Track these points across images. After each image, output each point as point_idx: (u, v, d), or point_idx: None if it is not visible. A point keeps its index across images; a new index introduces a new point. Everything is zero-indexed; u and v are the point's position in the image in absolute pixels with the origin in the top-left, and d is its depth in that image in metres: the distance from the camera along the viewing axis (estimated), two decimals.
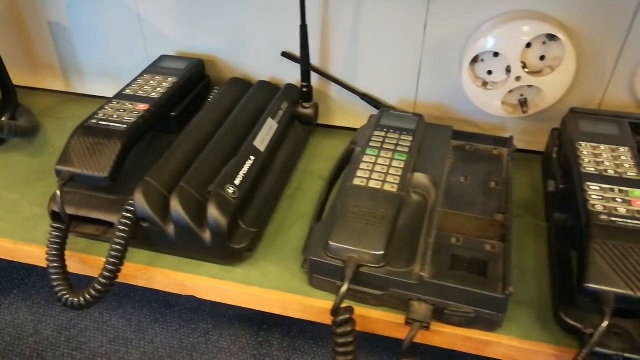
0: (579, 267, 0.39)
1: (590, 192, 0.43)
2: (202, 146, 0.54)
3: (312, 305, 0.48)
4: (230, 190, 0.49)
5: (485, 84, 0.59)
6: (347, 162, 0.57)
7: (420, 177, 0.54)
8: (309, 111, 0.65)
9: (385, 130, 0.58)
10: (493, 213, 0.51)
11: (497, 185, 0.55)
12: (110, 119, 0.54)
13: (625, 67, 0.57)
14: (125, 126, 0.52)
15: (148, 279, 0.52)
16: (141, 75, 0.63)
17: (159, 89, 0.60)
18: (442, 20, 0.58)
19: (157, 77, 0.62)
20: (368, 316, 0.47)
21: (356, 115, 0.68)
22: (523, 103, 0.60)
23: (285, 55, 0.65)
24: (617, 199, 0.43)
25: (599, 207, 0.42)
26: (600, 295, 0.37)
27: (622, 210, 0.42)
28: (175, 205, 0.47)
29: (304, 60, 0.61)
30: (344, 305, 0.43)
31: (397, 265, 0.46)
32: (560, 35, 0.53)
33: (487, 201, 0.53)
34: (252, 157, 0.54)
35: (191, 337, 0.70)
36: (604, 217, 0.41)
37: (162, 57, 0.68)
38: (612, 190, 0.44)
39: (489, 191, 0.54)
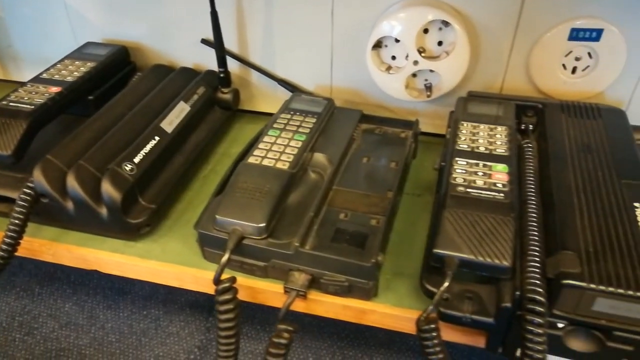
0: (432, 235, 0.42)
1: (456, 167, 0.46)
2: (110, 127, 0.56)
3: (204, 277, 0.50)
4: (128, 167, 0.51)
5: (389, 68, 0.62)
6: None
7: (319, 157, 0.56)
8: (228, 96, 0.67)
9: (291, 113, 0.60)
10: (386, 191, 0.53)
11: (397, 166, 0.57)
12: (21, 100, 0.56)
13: (520, 52, 0.59)
14: (32, 107, 0.55)
15: (53, 254, 0.54)
16: (62, 60, 0.65)
17: (75, 73, 0.62)
18: (348, 7, 0.61)
19: (76, 62, 0.64)
20: (255, 287, 0.50)
21: (278, 100, 0.70)
22: (428, 87, 0.63)
23: (205, 42, 0.68)
24: (478, 173, 0.45)
25: (459, 180, 0.44)
26: (446, 259, 0.40)
27: (480, 182, 0.44)
28: (72, 181, 0.49)
29: (218, 46, 0.63)
30: (228, 276, 0.46)
31: (282, 237, 0.48)
32: (451, 21, 0.56)
33: (383, 180, 0.55)
34: (157, 138, 0.56)
35: (142, 322, 0.72)
36: (461, 188, 0.43)
37: (87, 44, 0.70)
38: (477, 165, 0.46)
39: (387, 171, 0.57)
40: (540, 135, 0.52)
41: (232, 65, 0.70)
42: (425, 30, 0.59)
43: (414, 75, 0.62)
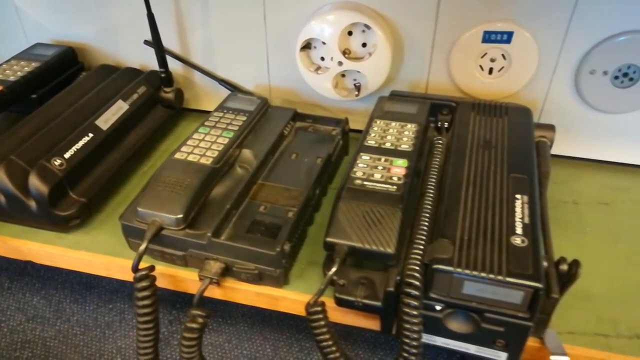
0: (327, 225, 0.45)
1: (359, 161, 0.49)
2: (47, 124, 0.59)
3: (129, 267, 0.53)
4: (57, 162, 0.54)
5: (319, 68, 0.65)
6: None
7: (246, 153, 0.59)
8: (170, 95, 0.70)
9: (224, 111, 0.63)
10: (305, 185, 0.56)
11: (322, 162, 0.60)
12: None
13: (440, 54, 0.62)
14: None
15: None
16: (8, 60, 0.68)
17: (19, 73, 0.65)
18: (279, 9, 0.63)
19: (21, 62, 0.67)
20: (176, 275, 0.52)
21: (222, 100, 0.73)
22: (357, 87, 0.66)
23: (147, 43, 0.70)
24: (379, 167, 0.48)
25: (359, 174, 0.47)
26: (336, 247, 0.43)
27: (377, 176, 0.47)
28: (1, 175, 0.52)
29: (156, 47, 0.66)
30: (146, 265, 0.48)
31: (201, 228, 0.51)
32: (371, 24, 0.58)
33: (307, 175, 0.58)
34: (91, 134, 0.59)
35: (107, 316, 0.74)
36: (358, 181, 0.46)
37: (36, 45, 0.73)
38: (379, 159, 0.49)
39: (312, 166, 0.59)
40: (450, 132, 0.55)
41: (176, 65, 0.72)
42: (350, 33, 0.61)
43: (343, 75, 0.65)
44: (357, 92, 0.65)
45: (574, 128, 0.63)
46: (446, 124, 0.57)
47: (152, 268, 0.49)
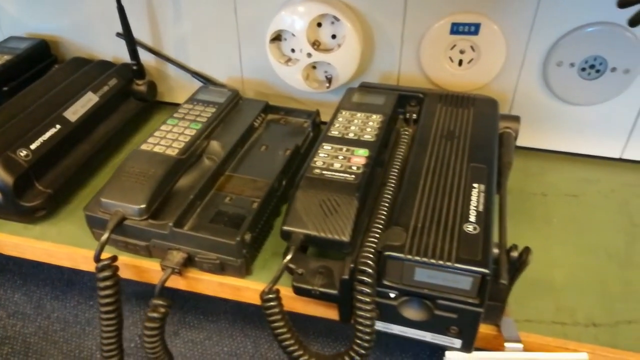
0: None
1: (320, 151, 0.49)
2: (16, 115, 0.59)
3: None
4: (23, 153, 0.54)
5: (289, 60, 0.65)
6: None
7: (214, 145, 0.59)
8: (142, 88, 0.70)
9: (194, 103, 0.63)
10: (273, 176, 0.56)
11: (290, 153, 0.60)
12: None
13: (410, 46, 0.62)
14: None
15: None
16: None
17: None
18: (249, 2, 0.64)
19: None
20: (140, 266, 0.53)
21: None
22: (329, 79, 0.66)
23: (119, 35, 0.70)
24: (339, 157, 0.48)
25: (319, 163, 0.47)
26: (292, 235, 0.43)
27: (337, 165, 0.47)
28: None
29: (127, 39, 0.66)
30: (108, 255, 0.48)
31: (166, 219, 0.51)
32: (339, 15, 0.59)
33: (274, 167, 0.58)
34: (58, 126, 0.59)
35: (87, 312, 0.75)
36: (317, 170, 0.46)
37: (9, 38, 0.73)
38: (341, 149, 0.49)
39: (281, 158, 0.59)
40: (416, 123, 0.55)
41: (149, 58, 0.72)
42: (320, 24, 0.61)
43: (314, 67, 0.65)
44: (328, 84, 0.65)
45: (544, 120, 0.63)
46: (414, 116, 0.57)
47: (114, 258, 0.49)
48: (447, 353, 0.44)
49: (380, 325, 0.44)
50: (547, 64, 0.58)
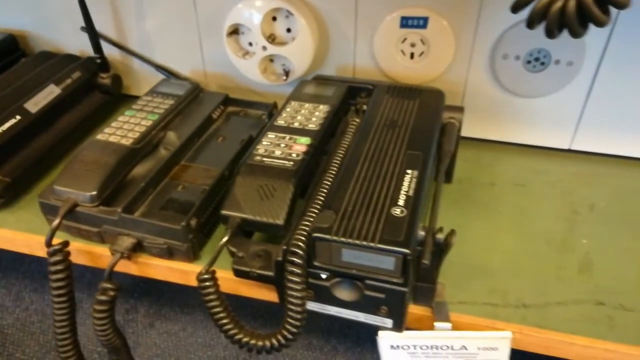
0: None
1: (264, 140, 0.51)
2: None
3: None
4: None
5: (247, 53, 0.66)
6: None
7: (171, 135, 0.61)
8: (107, 81, 0.72)
9: (154, 95, 0.65)
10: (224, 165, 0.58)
11: (243, 143, 0.62)
12: None
13: (364, 40, 0.64)
14: None
15: None
16: None
17: None
18: None
19: None
20: (94, 252, 0.54)
21: None
22: (287, 72, 0.67)
23: (84, 29, 0.72)
24: (281, 145, 0.50)
25: (261, 151, 0.49)
26: (230, 219, 0.44)
27: (278, 152, 0.49)
28: None
29: (90, 33, 0.68)
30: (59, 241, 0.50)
31: (119, 206, 0.52)
32: (291, 9, 0.60)
33: (227, 156, 0.60)
34: (18, 117, 0.60)
35: None
36: (258, 158, 0.48)
37: None
38: (284, 137, 0.51)
39: (235, 148, 0.61)
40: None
41: (115, 52, 0.74)
42: (275, 18, 0.63)
43: (272, 60, 0.67)
44: (285, 77, 0.66)
45: (494, 112, 0.65)
46: (364, 107, 0.59)
47: (65, 243, 0.51)
48: (380, 333, 0.45)
49: (316, 307, 0.45)
50: (493, 57, 0.60)
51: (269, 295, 0.50)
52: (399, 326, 0.44)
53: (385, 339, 0.45)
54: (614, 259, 0.51)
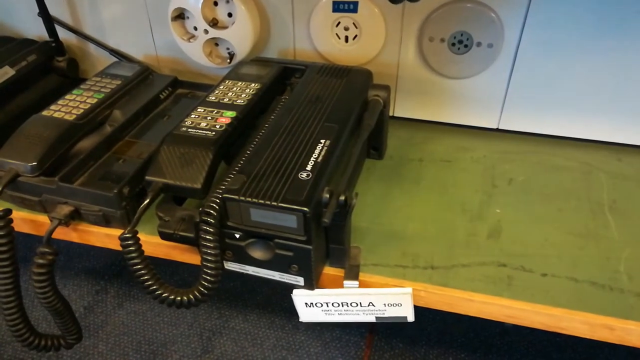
0: None
1: (193, 113, 0.54)
2: None
3: None
4: None
5: (192, 37, 0.70)
6: None
7: (117, 113, 0.64)
8: (62, 64, 0.75)
9: (102, 76, 0.68)
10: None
11: None
12: None
13: (301, 23, 0.67)
14: None
15: None
16: None
17: None
18: None
19: None
20: (37, 220, 0.57)
21: None
22: (231, 55, 0.71)
23: (39, 14, 0.75)
24: (208, 117, 0.53)
25: (188, 123, 0.52)
26: (152, 184, 0.48)
27: (203, 124, 0.52)
28: None
29: (44, 16, 0.71)
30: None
31: (57, 175, 0.55)
32: None
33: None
34: None
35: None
36: (184, 129, 0.51)
37: None
38: (212, 111, 0.54)
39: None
40: None
41: (71, 37, 0.77)
42: (216, 3, 0.66)
43: (217, 44, 0.70)
44: (229, 60, 0.70)
45: (426, 94, 0.68)
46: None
47: (7, 211, 0.54)
48: (295, 291, 0.49)
49: (235, 266, 0.49)
50: (421, 40, 0.64)
51: (195, 258, 0.53)
52: (309, 284, 0.47)
53: (300, 297, 0.49)
54: (522, 227, 0.55)
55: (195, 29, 0.69)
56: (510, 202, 0.58)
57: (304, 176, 0.45)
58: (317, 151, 0.48)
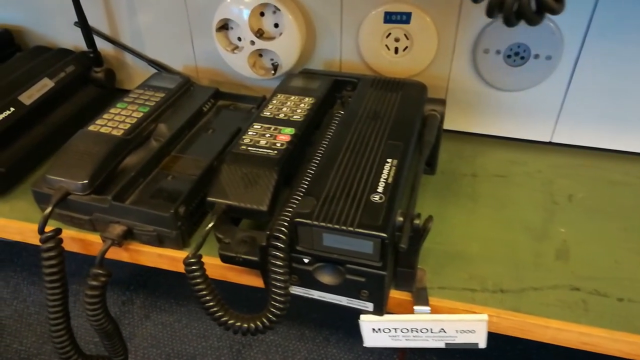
0: None
1: (250, 130, 0.52)
2: None
3: None
4: None
5: (236, 48, 0.68)
6: None
7: (162, 127, 0.62)
8: (100, 75, 0.74)
9: (145, 88, 0.66)
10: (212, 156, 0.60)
11: (232, 134, 0.63)
12: None
13: (349, 34, 0.66)
14: None
15: None
16: None
17: None
18: None
19: None
20: (86, 239, 0.56)
21: None
22: (275, 66, 0.69)
23: (77, 24, 0.73)
24: (266, 135, 0.51)
25: (246, 140, 0.51)
26: (215, 205, 0.46)
27: (263, 142, 0.50)
28: None
29: (83, 27, 0.69)
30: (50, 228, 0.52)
31: (109, 194, 0.54)
32: (277, 4, 0.62)
33: (216, 148, 0.61)
34: (12, 109, 0.62)
35: None
36: (243, 147, 0.50)
37: None
38: (269, 128, 0.53)
39: (224, 140, 0.62)
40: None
41: (108, 47, 0.76)
42: (262, 14, 0.65)
43: (261, 55, 0.68)
44: (273, 72, 0.68)
45: (476, 106, 0.66)
46: (349, 99, 0.60)
47: (58, 231, 0.52)
48: (362, 316, 0.47)
49: (300, 291, 0.47)
50: (475, 51, 0.62)
51: (255, 281, 0.51)
52: (379, 309, 0.46)
53: (367, 322, 0.47)
54: (590, 248, 0.53)
55: (239, 39, 0.67)
56: (573, 220, 0.56)
57: (376, 199, 0.43)
58: (385, 171, 0.46)
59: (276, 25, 0.65)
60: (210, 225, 0.45)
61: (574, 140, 0.66)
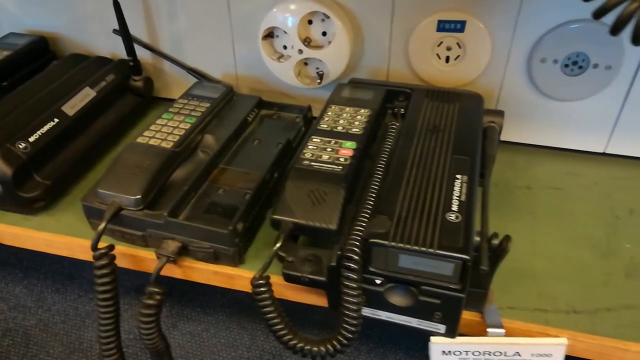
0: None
1: (309, 144, 0.51)
2: (15, 109, 0.61)
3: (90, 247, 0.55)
4: (22, 145, 0.56)
5: (281, 57, 0.66)
6: None
7: (208, 138, 0.61)
8: (139, 84, 0.72)
9: (189, 98, 0.65)
10: (265, 169, 0.58)
11: (282, 147, 0.62)
12: None
13: (399, 43, 0.64)
14: None
15: None
16: None
17: None
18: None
19: None
20: (137, 255, 0.54)
21: None
22: (320, 75, 0.67)
23: (116, 32, 0.72)
24: (327, 149, 0.50)
25: (308, 155, 0.49)
26: (282, 224, 0.44)
27: (325, 157, 0.49)
28: None
29: (124, 35, 0.68)
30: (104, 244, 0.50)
31: (161, 209, 0.52)
32: (328, 13, 0.60)
33: (266, 160, 0.60)
34: (56, 120, 0.60)
35: (87, 305, 0.76)
36: (306, 162, 0.48)
37: (9, 34, 0.74)
38: (329, 142, 0.51)
39: (273, 152, 0.61)
40: (404, 118, 0.57)
41: (146, 54, 0.74)
42: (310, 22, 0.63)
43: (306, 63, 0.67)
44: (319, 80, 0.67)
45: (529, 116, 0.65)
46: (402, 110, 0.59)
47: (111, 247, 0.51)
48: (432, 338, 0.45)
49: (367, 312, 0.45)
50: (531, 60, 0.60)
51: (316, 299, 0.50)
52: (452, 332, 0.44)
53: (438, 345, 0.45)
54: None
55: (285, 47, 0.65)
56: (637, 235, 0.54)
57: (452, 218, 0.42)
58: (457, 188, 0.45)
59: (324, 34, 0.64)
60: (278, 245, 0.43)
61: (630, 151, 0.64)
